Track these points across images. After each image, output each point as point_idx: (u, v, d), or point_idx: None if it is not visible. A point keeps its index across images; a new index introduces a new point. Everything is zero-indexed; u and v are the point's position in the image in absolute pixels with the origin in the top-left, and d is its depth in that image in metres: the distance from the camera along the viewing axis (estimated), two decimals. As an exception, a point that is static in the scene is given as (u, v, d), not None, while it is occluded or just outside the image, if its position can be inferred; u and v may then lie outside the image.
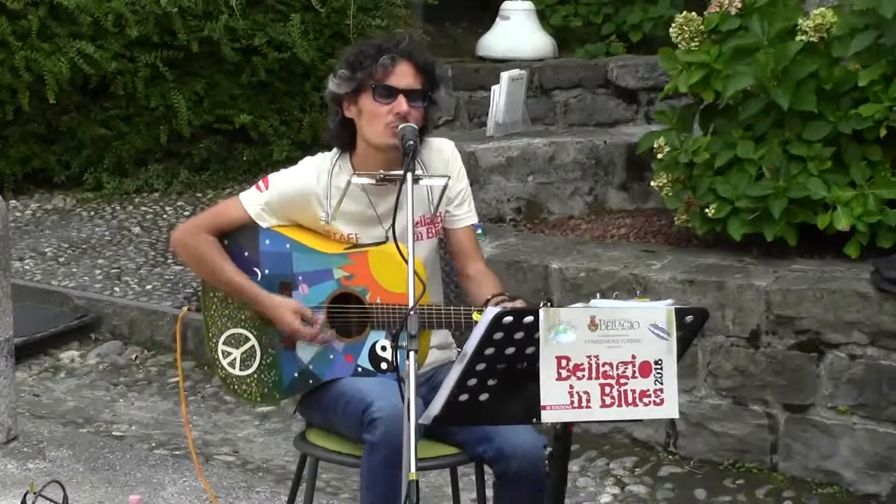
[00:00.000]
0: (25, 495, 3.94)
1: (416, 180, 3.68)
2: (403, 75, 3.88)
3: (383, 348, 3.88)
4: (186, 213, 8.09)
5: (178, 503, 5.08)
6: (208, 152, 8.54)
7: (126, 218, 8.12)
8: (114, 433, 5.83)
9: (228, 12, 8.22)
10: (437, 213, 4.00)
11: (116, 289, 7.16)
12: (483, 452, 3.83)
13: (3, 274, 5.43)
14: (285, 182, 3.99)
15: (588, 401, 3.14)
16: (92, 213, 8.23)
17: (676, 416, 3.23)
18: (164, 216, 8.14)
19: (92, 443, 5.63)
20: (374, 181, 3.84)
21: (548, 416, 3.13)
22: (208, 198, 8.32)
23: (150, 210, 8.23)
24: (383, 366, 3.87)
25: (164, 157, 8.55)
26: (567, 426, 3.25)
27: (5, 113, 8.15)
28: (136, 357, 6.71)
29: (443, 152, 4.03)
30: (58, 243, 7.79)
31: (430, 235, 4.02)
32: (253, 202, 4.00)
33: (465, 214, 4.06)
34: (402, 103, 3.85)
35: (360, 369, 3.91)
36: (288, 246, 3.97)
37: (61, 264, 7.50)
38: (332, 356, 3.94)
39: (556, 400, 3.12)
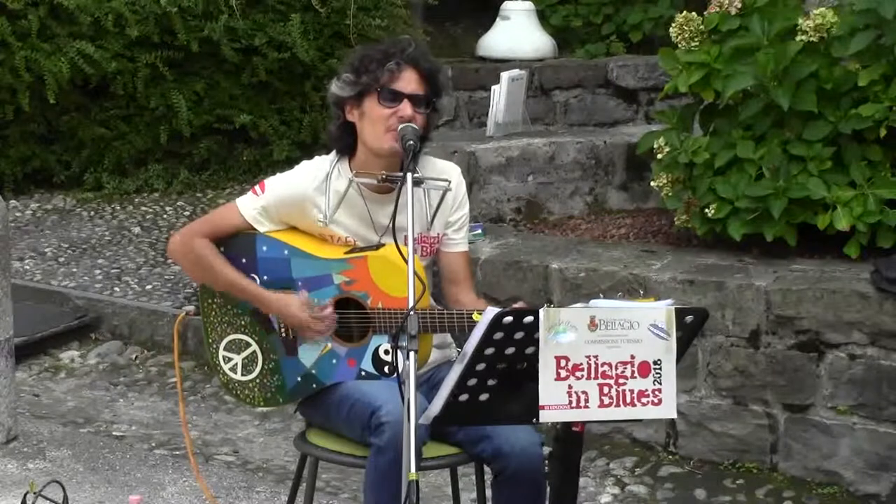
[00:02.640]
0: (25, 495, 3.94)
1: (417, 183, 3.67)
2: (409, 81, 3.87)
3: (386, 352, 3.87)
4: (186, 214, 8.10)
5: (178, 503, 5.08)
6: (208, 152, 8.54)
7: (126, 218, 8.12)
8: (114, 433, 5.83)
9: (228, 12, 8.22)
10: (434, 233, 3.98)
11: (116, 289, 7.16)
12: (481, 451, 3.83)
13: (3, 274, 5.43)
14: (282, 186, 3.98)
15: (586, 401, 3.15)
16: (92, 213, 8.23)
17: (674, 416, 3.24)
18: (164, 216, 8.14)
19: (92, 443, 5.63)
20: (375, 181, 3.83)
21: (546, 416, 3.13)
22: (208, 198, 8.32)
23: (150, 210, 8.23)
24: (387, 369, 3.87)
25: (164, 157, 8.54)
26: (569, 427, 3.25)
27: (5, 113, 8.15)
28: (136, 357, 6.71)
29: (450, 176, 3.97)
30: (58, 243, 7.78)
31: (425, 255, 3.99)
32: (249, 206, 3.98)
33: (461, 240, 4.05)
34: (407, 107, 3.85)
35: (363, 373, 3.90)
36: (286, 252, 3.96)
37: (61, 264, 7.50)
38: (334, 360, 3.94)
39: (554, 400, 3.13)
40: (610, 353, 3.14)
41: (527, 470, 3.77)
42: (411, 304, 3.38)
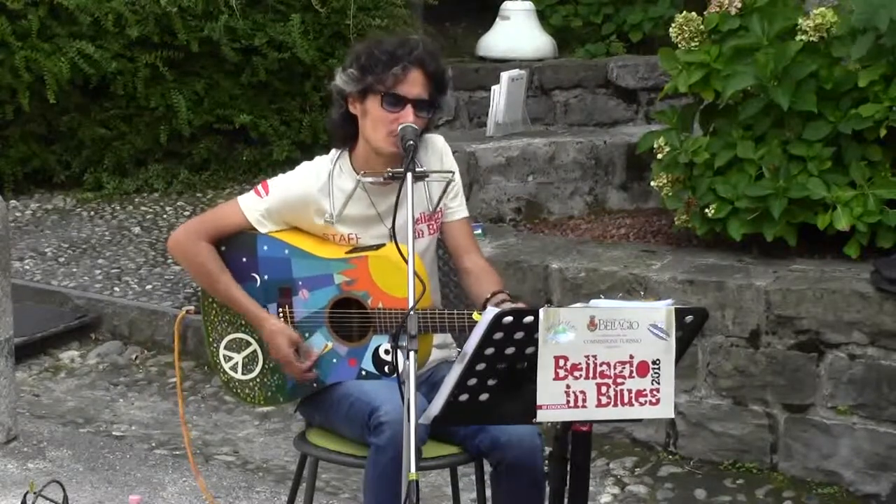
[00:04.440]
0: (25, 495, 3.94)
1: (421, 177, 3.68)
2: (413, 84, 3.86)
3: (386, 352, 3.87)
4: (186, 213, 8.09)
5: (178, 503, 5.08)
6: (208, 152, 8.54)
7: (126, 218, 8.12)
8: (114, 433, 5.83)
9: (228, 12, 8.22)
10: (438, 210, 3.99)
11: (116, 289, 7.16)
12: (479, 443, 3.84)
13: (3, 274, 5.43)
14: (286, 187, 3.98)
15: (584, 400, 3.15)
16: (92, 213, 8.23)
17: (671, 416, 3.24)
18: (164, 216, 8.14)
19: (92, 443, 5.63)
20: (381, 179, 3.83)
21: (543, 416, 3.14)
22: (208, 198, 8.32)
23: (150, 210, 8.23)
24: (387, 369, 3.87)
25: (164, 157, 8.54)
26: (569, 427, 3.25)
27: (5, 113, 8.15)
28: (136, 357, 6.71)
29: (435, 147, 4.02)
30: (58, 243, 7.78)
31: (431, 232, 4.02)
32: (252, 208, 3.98)
33: (458, 207, 4.05)
34: (409, 113, 3.84)
35: (363, 373, 3.90)
36: (286, 251, 3.96)
37: (61, 264, 7.50)
38: (335, 360, 3.94)
39: (552, 399, 3.13)
40: (609, 352, 3.14)
41: (525, 460, 3.77)
42: (411, 303, 3.38)
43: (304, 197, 3.95)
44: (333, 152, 4.01)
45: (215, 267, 3.99)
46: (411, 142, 3.74)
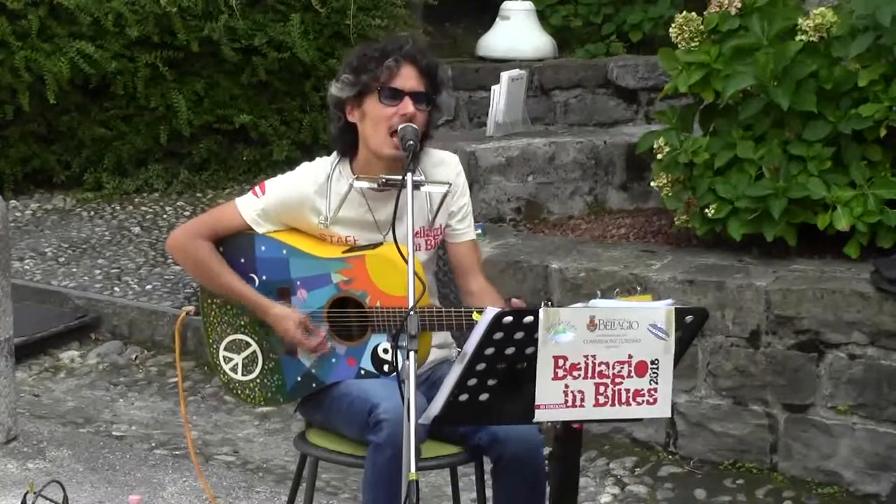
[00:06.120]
0: (25, 495, 3.94)
1: (416, 186, 3.67)
2: (408, 78, 3.87)
3: (385, 351, 3.88)
4: (186, 213, 8.10)
5: (178, 503, 5.09)
6: (208, 152, 8.54)
7: (126, 218, 8.13)
8: (114, 433, 5.83)
9: (228, 12, 8.22)
10: (437, 226, 3.98)
11: (116, 289, 7.16)
12: (479, 440, 3.84)
13: (3, 274, 5.43)
14: (282, 188, 3.98)
15: (582, 400, 3.15)
16: (92, 213, 8.23)
17: (668, 415, 3.25)
18: (164, 216, 8.14)
19: (92, 443, 5.63)
20: (375, 185, 3.83)
21: (542, 416, 3.14)
22: (208, 198, 8.33)
23: (150, 210, 8.23)
24: (386, 368, 3.87)
25: (164, 157, 8.54)
26: (568, 426, 3.25)
27: (5, 113, 8.15)
28: (136, 357, 6.71)
29: (448, 167, 4.00)
30: (58, 243, 7.79)
31: (429, 248, 4.00)
32: (249, 208, 3.99)
33: (466, 229, 4.05)
34: (408, 105, 3.85)
35: (362, 372, 3.91)
36: (284, 252, 3.97)
37: (61, 264, 7.50)
38: (334, 360, 3.94)
39: (550, 399, 3.13)
40: (608, 352, 3.15)
41: (525, 455, 3.77)
42: (411, 303, 3.38)
43: (300, 198, 3.95)
44: (335, 155, 4.00)
45: (215, 262, 3.99)
46: (411, 142, 3.74)
